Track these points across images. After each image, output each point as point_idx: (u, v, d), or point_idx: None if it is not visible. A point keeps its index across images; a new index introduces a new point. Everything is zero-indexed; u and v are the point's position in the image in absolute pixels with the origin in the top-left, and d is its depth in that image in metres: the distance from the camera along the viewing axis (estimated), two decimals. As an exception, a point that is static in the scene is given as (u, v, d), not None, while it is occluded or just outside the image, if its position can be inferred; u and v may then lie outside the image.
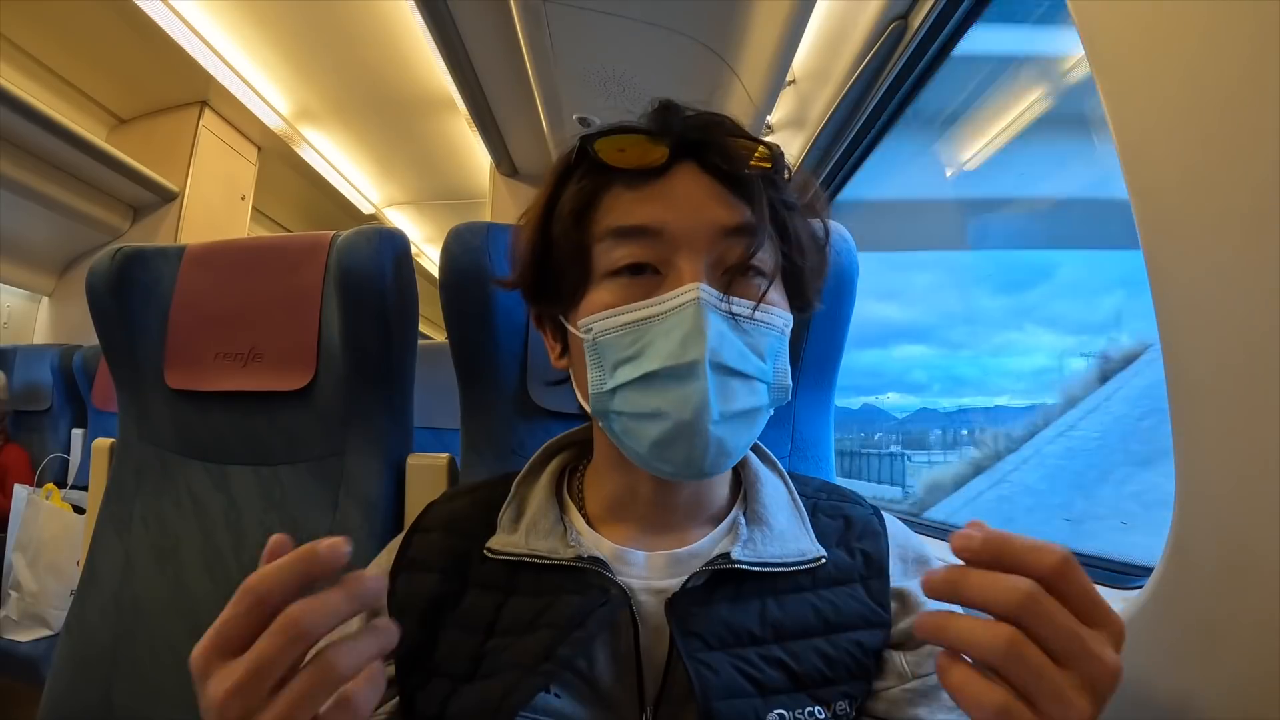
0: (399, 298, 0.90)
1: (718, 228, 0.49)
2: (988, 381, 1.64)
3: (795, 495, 0.59)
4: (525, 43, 1.51)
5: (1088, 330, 1.33)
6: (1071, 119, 1.22)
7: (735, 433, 0.49)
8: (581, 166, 0.53)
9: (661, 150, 0.50)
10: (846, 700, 0.48)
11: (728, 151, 0.50)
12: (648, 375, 0.47)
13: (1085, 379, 1.24)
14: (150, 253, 0.97)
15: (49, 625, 1.70)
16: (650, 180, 0.50)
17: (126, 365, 0.97)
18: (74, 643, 0.89)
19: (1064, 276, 1.45)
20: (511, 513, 0.57)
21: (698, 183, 0.50)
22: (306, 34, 2.49)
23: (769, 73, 1.43)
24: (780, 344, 0.51)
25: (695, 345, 0.46)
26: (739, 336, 0.48)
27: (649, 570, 0.53)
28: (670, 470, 0.49)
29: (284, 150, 3.17)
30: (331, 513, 0.87)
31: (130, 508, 0.93)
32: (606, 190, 0.52)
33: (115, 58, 2.54)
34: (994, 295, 1.69)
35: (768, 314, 0.50)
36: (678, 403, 0.46)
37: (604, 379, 0.50)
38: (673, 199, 0.49)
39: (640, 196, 0.50)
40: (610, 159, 0.51)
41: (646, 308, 0.48)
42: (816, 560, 0.53)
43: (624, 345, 0.48)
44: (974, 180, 1.55)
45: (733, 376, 0.47)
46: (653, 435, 0.48)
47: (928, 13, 1.14)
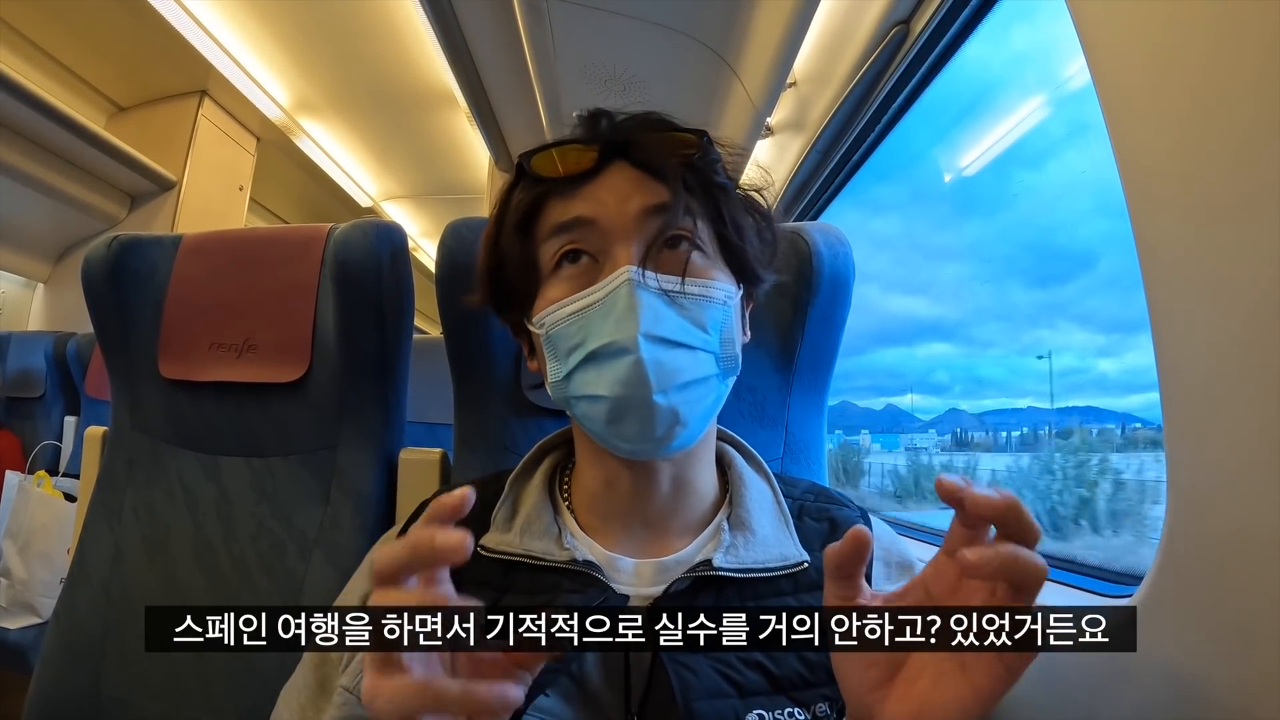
0: (395, 291, 0.90)
1: (643, 209, 0.52)
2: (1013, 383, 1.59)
3: (780, 498, 0.59)
4: (526, 39, 1.51)
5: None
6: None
7: (687, 403, 0.50)
8: (522, 183, 0.57)
9: (590, 154, 0.54)
10: (827, 703, 0.49)
11: (649, 145, 0.54)
12: (589, 356, 0.50)
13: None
14: (146, 241, 0.96)
15: (38, 613, 1.69)
16: (584, 183, 0.54)
17: (120, 354, 0.96)
18: (63, 631, 0.89)
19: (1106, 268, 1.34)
20: (505, 511, 0.58)
21: (625, 176, 0.54)
22: (308, 25, 2.48)
23: (770, 74, 1.43)
24: (724, 315, 0.53)
25: (628, 323, 0.48)
26: (675, 311, 0.50)
27: (636, 578, 0.54)
28: (628, 448, 0.52)
29: (283, 141, 3.16)
30: (323, 505, 0.87)
31: (121, 497, 0.93)
32: (546, 200, 0.55)
33: (116, 45, 2.53)
34: (1028, 289, 1.65)
35: (705, 287, 0.52)
36: (617, 379, 0.49)
37: (560, 368, 0.53)
38: (602, 194, 0.53)
39: (574, 198, 0.54)
40: (545, 171, 0.55)
41: (586, 296, 0.51)
42: (799, 565, 0.54)
43: (572, 334, 0.51)
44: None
45: (674, 348, 0.50)
46: (603, 413, 0.50)
47: (930, 18, 1.14)
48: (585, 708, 0.49)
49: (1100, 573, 0.76)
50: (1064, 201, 1.40)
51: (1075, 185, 1.28)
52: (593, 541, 0.56)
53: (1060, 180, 1.39)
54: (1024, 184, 1.51)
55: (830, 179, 1.70)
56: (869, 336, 2.24)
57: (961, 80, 1.29)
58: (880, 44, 1.24)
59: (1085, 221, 1.30)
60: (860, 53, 1.30)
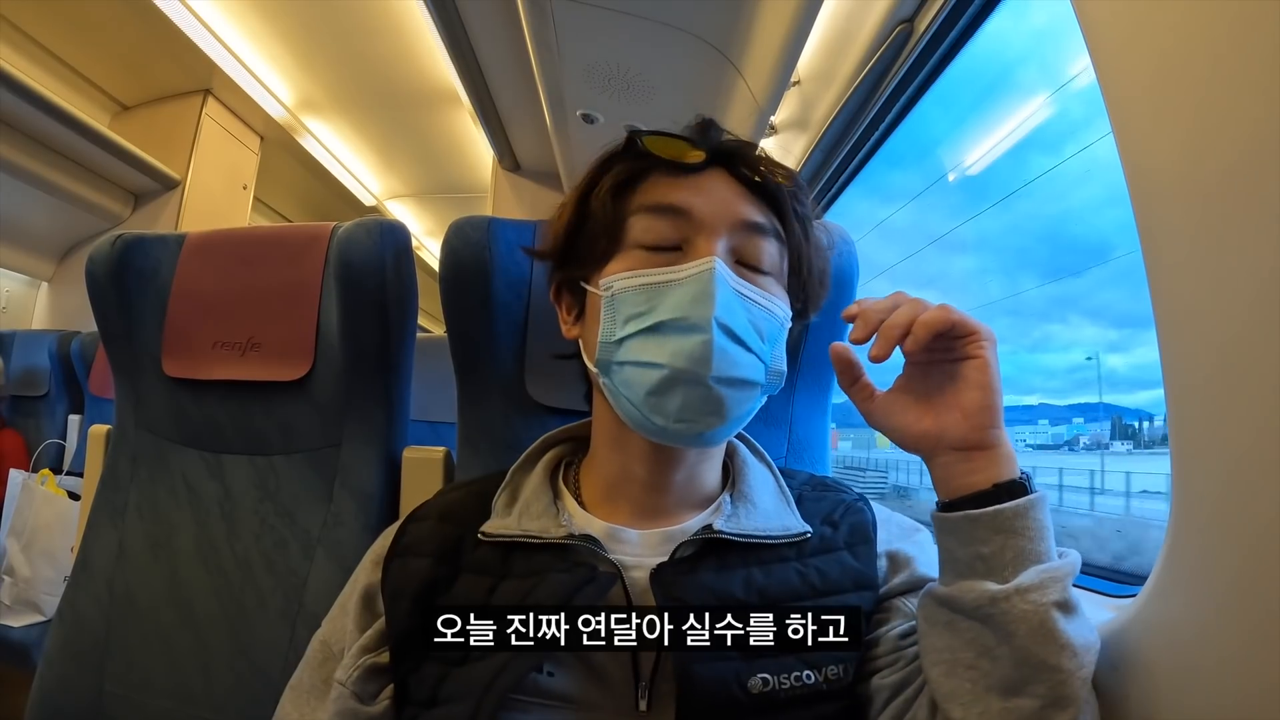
0: (398, 290, 0.90)
1: (739, 219, 0.55)
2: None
3: (782, 483, 0.61)
4: (530, 37, 1.51)
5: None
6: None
7: (734, 399, 0.51)
8: (626, 154, 0.59)
9: (699, 153, 0.56)
10: (839, 665, 0.49)
11: (756, 163, 0.57)
12: (656, 325, 0.51)
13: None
14: (150, 240, 0.97)
15: (41, 611, 1.70)
16: (686, 174, 0.56)
17: (124, 352, 0.96)
18: (66, 629, 0.89)
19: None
20: (506, 497, 0.59)
21: (727, 183, 0.56)
22: (311, 24, 2.48)
23: (774, 73, 1.43)
24: (779, 333, 0.55)
25: (705, 304, 0.50)
26: (745, 312, 0.52)
27: (643, 547, 0.54)
28: (660, 423, 0.52)
29: (286, 140, 3.16)
30: (326, 504, 0.87)
31: (125, 495, 0.93)
32: (646, 176, 0.57)
33: (120, 44, 2.53)
34: (1040, 282, 1.63)
35: (771, 302, 0.54)
36: (681, 351, 0.49)
37: (614, 330, 0.53)
38: (703, 189, 0.55)
39: (675, 184, 0.56)
40: (658, 150, 0.56)
41: (665, 273, 0.52)
42: (801, 535, 0.55)
43: (638, 302, 0.52)
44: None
45: (736, 343, 0.51)
46: (653, 382, 0.51)
47: (934, 16, 1.14)
48: (592, 683, 0.50)
49: (1105, 573, 0.76)
50: (1079, 190, 1.39)
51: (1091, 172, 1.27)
52: (592, 517, 0.57)
53: (1076, 166, 1.38)
54: (1040, 169, 1.49)
55: (834, 178, 1.70)
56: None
57: (973, 68, 1.27)
58: (884, 42, 1.23)
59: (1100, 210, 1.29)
60: (864, 51, 1.29)
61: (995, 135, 1.52)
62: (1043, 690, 0.41)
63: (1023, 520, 0.44)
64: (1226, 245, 0.41)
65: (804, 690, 0.48)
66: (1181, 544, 0.46)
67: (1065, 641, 0.41)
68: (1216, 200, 0.41)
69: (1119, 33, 0.47)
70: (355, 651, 0.55)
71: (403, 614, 0.53)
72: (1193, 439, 0.44)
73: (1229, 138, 0.40)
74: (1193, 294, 0.43)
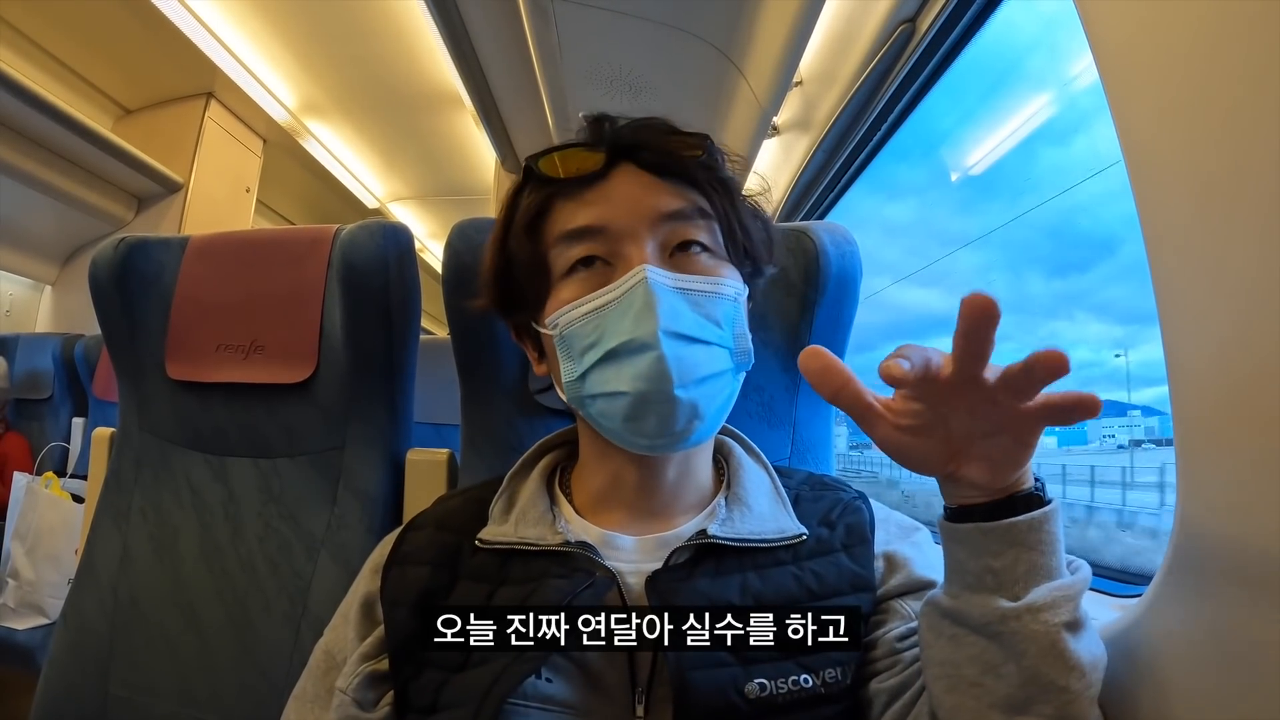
0: (401, 292, 0.90)
1: (657, 214, 0.53)
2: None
3: (778, 484, 0.60)
4: (532, 39, 1.51)
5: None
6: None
7: (706, 397, 0.51)
8: (529, 185, 0.58)
9: (597, 157, 0.55)
10: (837, 669, 0.48)
11: (659, 147, 0.55)
12: (608, 354, 0.50)
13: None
14: (153, 243, 0.97)
15: (46, 614, 1.70)
16: (591, 185, 0.55)
17: (128, 355, 0.96)
18: (71, 632, 0.89)
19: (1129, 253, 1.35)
20: (503, 504, 0.59)
21: (635, 179, 0.55)
22: (313, 27, 2.49)
23: (776, 74, 1.43)
24: (735, 311, 0.54)
25: (647, 320, 0.49)
26: (692, 308, 0.51)
27: (638, 554, 0.54)
28: (646, 443, 0.52)
29: (289, 143, 3.17)
30: (330, 507, 0.87)
31: (129, 498, 0.93)
32: (553, 202, 0.56)
33: (122, 48, 2.54)
34: (1047, 279, 1.61)
35: (717, 285, 0.53)
36: (638, 374, 0.49)
37: (574, 366, 0.53)
38: (612, 198, 0.54)
39: (583, 202, 0.54)
40: (551, 172, 0.56)
41: (602, 296, 0.51)
42: (797, 537, 0.54)
43: (587, 333, 0.52)
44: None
45: (692, 344, 0.50)
46: (623, 410, 0.51)
47: (936, 16, 1.14)
48: (589, 690, 0.50)
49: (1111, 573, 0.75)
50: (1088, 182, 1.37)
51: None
52: (588, 523, 0.57)
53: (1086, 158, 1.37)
54: (1049, 162, 1.48)
55: (837, 178, 1.70)
56: (878, 331, 2.22)
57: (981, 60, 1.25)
58: (886, 42, 1.23)
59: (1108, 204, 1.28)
60: (866, 51, 1.29)
61: (1006, 128, 1.51)
62: (1049, 711, 0.40)
63: (1037, 533, 0.41)
64: (1230, 239, 0.40)
65: (802, 695, 0.47)
66: (1187, 542, 0.45)
67: (1075, 663, 0.40)
68: (1219, 195, 0.41)
69: (1121, 29, 0.47)
70: (355, 659, 0.55)
71: (401, 622, 0.53)
72: (1198, 436, 0.44)
73: (1232, 133, 0.40)
74: (1198, 290, 0.43)
